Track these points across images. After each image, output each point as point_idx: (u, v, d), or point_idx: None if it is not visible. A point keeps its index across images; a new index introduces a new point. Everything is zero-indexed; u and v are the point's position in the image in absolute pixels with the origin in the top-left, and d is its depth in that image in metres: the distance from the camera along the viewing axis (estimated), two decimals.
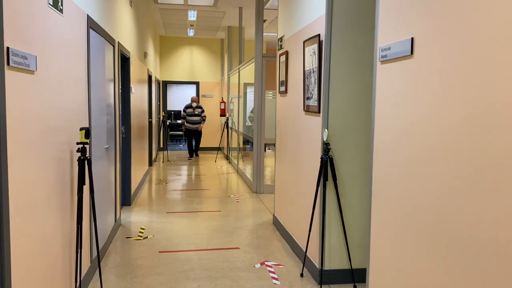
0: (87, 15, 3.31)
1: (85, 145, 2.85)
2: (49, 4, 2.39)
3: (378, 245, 2.37)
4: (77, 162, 2.96)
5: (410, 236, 2.02)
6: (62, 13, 2.63)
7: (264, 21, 9.69)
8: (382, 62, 2.32)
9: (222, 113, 11.06)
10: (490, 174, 1.48)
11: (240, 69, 8.64)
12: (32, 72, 2.12)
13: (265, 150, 6.92)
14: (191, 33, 12.15)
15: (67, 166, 2.78)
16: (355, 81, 3.30)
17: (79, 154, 3.02)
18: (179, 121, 14.90)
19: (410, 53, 2.02)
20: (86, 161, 2.95)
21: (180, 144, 14.74)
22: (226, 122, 10.85)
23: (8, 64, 1.82)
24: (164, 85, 13.13)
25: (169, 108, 15.44)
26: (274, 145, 7.92)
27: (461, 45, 1.64)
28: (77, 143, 2.81)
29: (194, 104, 10.71)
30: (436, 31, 1.80)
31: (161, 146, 12.41)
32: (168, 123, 14.22)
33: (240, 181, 7.94)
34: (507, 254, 1.40)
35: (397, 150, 2.16)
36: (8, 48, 1.81)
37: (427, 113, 1.88)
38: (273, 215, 5.08)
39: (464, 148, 1.62)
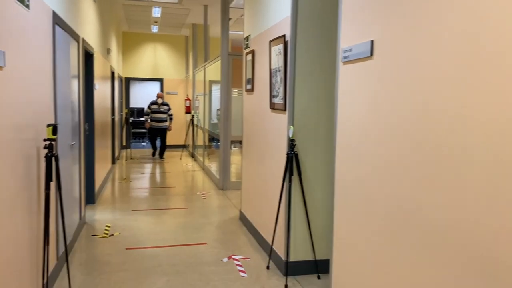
0: (53, 11, 3.27)
1: (52, 142, 2.83)
2: None
3: (341, 236, 2.51)
4: (44, 159, 2.94)
5: (370, 225, 2.17)
6: (28, 8, 2.62)
7: (229, 19, 9.74)
8: (344, 62, 2.46)
9: (188, 111, 11.03)
10: (436, 164, 1.63)
11: (206, 66, 8.67)
12: (0, 68, 2.11)
13: (231, 147, 7.00)
14: (155, 29, 12.03)
15: (34, 163, 2.76)
16: (319, 80, 3.44)
17: (46, 150, 3.00)
18: (142, 119, 14.66)
19: (370, 55, 2.16)
20: (53, 158, 2.94)
21: (143, 142, 14.56)
22: (192, 120, 10.84)
23: None
24: (127, 82, 12.93)
25: (132, 105, 15.21)
26: (240, 142, 8.00)
27: (415, 47, 1.79)
28: (44, 140, 2.79)
29: (160, 101, 9.99)
30: (394, 34, 1.95)
31: (124, 144, 12.24)
32: (131, 121, 14.01)
33: (206, 178, 7.98)
34: (448, 233, 1.55)
35: (357, 146, 2.30)
36: None
37: (384, 111, 2.02)
38: (240, 211, 5.17)
39: (415, 142, 1.77)
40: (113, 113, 8.76)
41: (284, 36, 3.46)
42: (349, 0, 2.39)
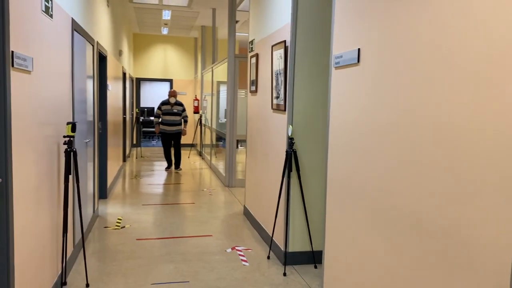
0: (72, 18, 3.56)
1: (71, 138, 3.12)
2: (42, 10, 2.66)
3: (332, 228, 2.76)
4: (64, 154, 3.23)
5: (356, 218, 2.42)
6: (52, 18, 2.90)
7: (237, 22, 10.01)
8: (336, 68, 2.71)
9: (196, 110, 11.32)
10: (413, 159, 1.88)
11: (214, 68, 8.95)
12: (29, 72, 2.39)
13: (237, 146, 7.27)
14: (165, 31, 12.34)
15: (55, 158, 3.05)
16: (317, 82, 3.69)
17: (65, 146, 3.28)
18: (152, 118, 14.99)
19: (357, 61, 2.41)
20: (72, 153, 3.22)
21: (153, 140, 14.89)
22: (200, 119, 11.13)
23: (12, 65, 2.10)
24: (138, 82, 13.27)
25: (142, 105, 15.57)
26: (246, 141, 8.26)
27: (397, 55, 2.04)
28: (64, 136, 3.08)
29: (173, 100, 8.31)
30: (378, 44, 2.19)
31: (135, 142, 12.57)
32: (141, 120, 14.35)
33: (213, 176, 8.26)
34: (424, 224, 1.80)
35: (346, 143, 2.55)
36: (12, 52, 2.09)
37: (369, 112, 2.27)
38: (244, 206, 5.44)
39: (397, 139, 2.02)
40: (124, 113, 9.08)
41: (284, 41, 3.71)
42: (340, 11, 2.64)
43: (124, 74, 9.06)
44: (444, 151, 1.66)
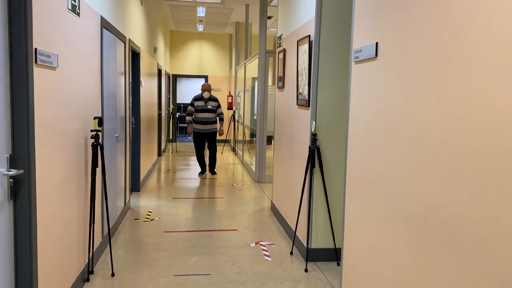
0: (101, 16, 3.68)
1: (98, 133, 3.23)
2: (68, 9, 2.76)
3: (351, 225, 2.72)
4: (91, 148, 3.35)
5: (374, 215, 2.37)
6: (79, 16, 3.01)
7: (270, 17, 10.00)
8: (356, 62, 2.65)
9: (229, 107, 11.42)
10: (428, 156, 1.82)
11: (246, 64, 8.98)
12: (54, 68, 2.50)
13: (269, 143, 7.27)
14: (200, 28, 12.50)
15: (82, 151, 3.17)
16: (340, 78, 3.63)
17: (92, 140, 3.41)
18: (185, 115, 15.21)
19: (375, 56, 2.35)
20: (98, 147, 3.34)
21: (189, 136, 15.14)
22: (233, 115, 11.21)
23: (35, 62, 2.19)
24: (174, 79, 13.52)
25: (178, 101, 15.85)
26: None
27: (411, 49, 1.98)
28: (91, 131, 3.19)
29: (207, 95, 7.37)
30: (394, 38, 2.14)
31: (170, 137, 12.84)
32: (177, 116, 14.62)
33: (245, 171, 8.31)
34: (436, 221, 1.75)
35: (364, 139, 2.50)
36: (36, 49, 2.19)
37: (387, 106, 2.22)
38: (271, 201, 5.44)
39: (411, 136, 1.96)
40: (159, 108, 9.29)
41: (309, 36, 3.67)
42: (360, 6, 2.58)
43: (160, 70, 9.26)
44: (461, 150, 1.60)
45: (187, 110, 7.58)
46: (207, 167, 7.95)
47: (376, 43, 2.34)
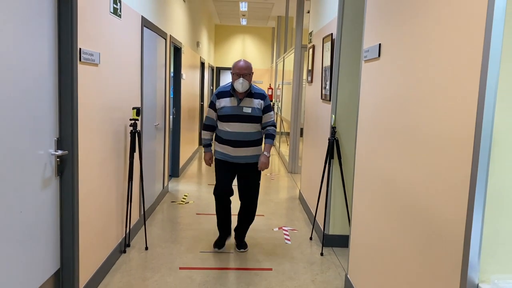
0: (142, 16, 4.07)
1: (136, 121, 3.63)
2: (110, 12, 3.15)
3: (357, 213, 2.94)
4: (129, 135, 3.76)
5: (374, 203, 2.59)
6: (120, 17, 3.40)
7: (308, 12, 10.13)
8: (365, 61, 2.86)
9: (269, 99, 11.68)
10: (414, 148, 2.03)
11: (285, 57, 9.21)
12: (96, 65, 2.89)
13: (300, 134, 7.49)
14: (243, 22, 12.83)
15: (122, 137, 3.57)
16: (358, 75, 3.81)
17: (131, 128, 3.81)
18: None
19: (378, 56, 2.55)
20: (136, 134, 3.74)
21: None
22: (272, 108, 11.48)
23: (80, 60, 2.58)
24: (218, 71, 13.96)
25: None
26: None
27: (412, 50, 2.18)
28: (130, 119, 3.60)
29: (241, 86, 3.53)
30: (395, 40, 2.33)
31: None
32: None
33: (280, 162, 8.59)
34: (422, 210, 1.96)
35: (369, 132, 2.71)
36: (80, 48, 2.58)
37: (387, 101, 2.42)
38: (299, 190, 5.70)
39: (407, 130, 2.17)
40: (202, 99, 9.73)
41: (331, 34, 3.88)
42: (370, 9, 2.78)
43: (203, 63, 9.68)
44: (457, 144, 1.81)
45: (204, 119, 3.88)
46: (232, 231, 4.06)
47: (379, 44, 2.53)
